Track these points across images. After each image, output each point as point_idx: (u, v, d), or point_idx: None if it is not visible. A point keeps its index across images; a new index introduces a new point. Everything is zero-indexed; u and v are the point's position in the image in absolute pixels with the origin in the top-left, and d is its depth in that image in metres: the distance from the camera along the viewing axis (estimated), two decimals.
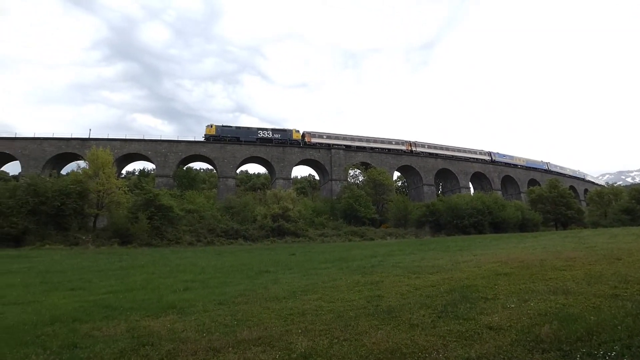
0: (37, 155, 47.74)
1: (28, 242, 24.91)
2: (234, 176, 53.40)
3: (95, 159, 30.82)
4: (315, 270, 12.62)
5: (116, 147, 47.97)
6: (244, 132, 55.38)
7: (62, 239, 26.04)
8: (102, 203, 29.89)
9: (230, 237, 30.23)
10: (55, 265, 16.19)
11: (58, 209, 27.13)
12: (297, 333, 5.48)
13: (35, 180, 28.91)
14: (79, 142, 48.94)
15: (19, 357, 4.86)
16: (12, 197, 26.17)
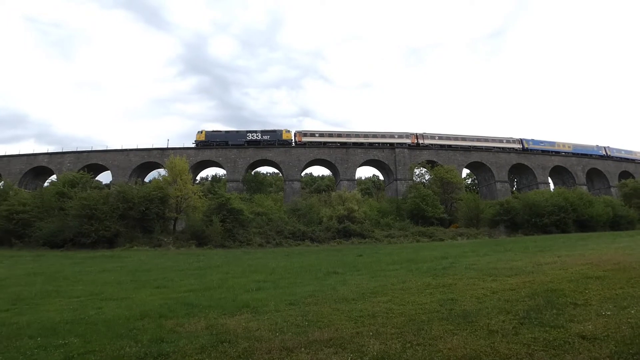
0: (124, 165, 52.78)
1: (119, 243, 27.54)
2: (299, 179, 54.51)
3: (173, 167, 33.30)
4: (383, 271, 12.41)
5: (191, 155, 51.38)
6: (232, 135, 55.94)
7: (147, 240, 28.43)
8: (180, 207, 32.16)
9: (298, 239, 30.89)
10: (142, 265, 17.65)
11: (143, 213, 29.66)
12: (368, 335, 5.40)
13: (123, 187, 31.93)
14: (159, 151, 53.21)
15: (115, 348, 5.35)
16: (106, 204, 29.08)
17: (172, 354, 5.01)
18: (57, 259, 20.98)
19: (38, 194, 33.23)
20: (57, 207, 29.83)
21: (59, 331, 6.30)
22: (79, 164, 52.05)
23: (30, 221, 28.31)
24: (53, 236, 26.90)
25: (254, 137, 55.36)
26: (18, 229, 28.14)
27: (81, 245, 26.70)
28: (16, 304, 8.77)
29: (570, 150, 63.00)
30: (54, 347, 5.48)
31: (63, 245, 26.58)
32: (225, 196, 32.44)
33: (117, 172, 52.27)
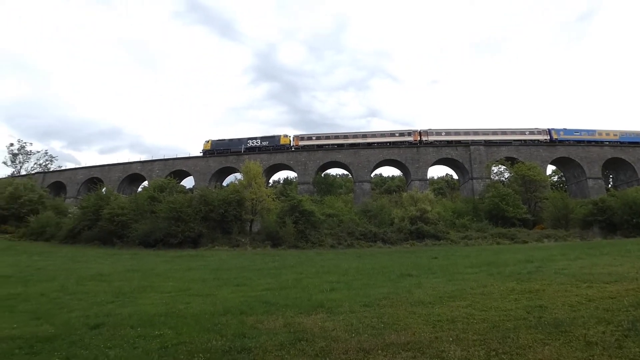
0: (205, 170, 56.60)
1: (202, 243, 29.55)
2: (369, 180, 54.12)
3: (248, 171, 34.96)
4: (460, 275, 11.86)
5: (264, 159, 53.54)
6: (235, 143, 57.43)
7: (227, 241, 30.14)
8: (255, 209, 33.64)
9: (369, 240, 30.67)
10: (223, 264, 18.75)
11: (222, 215, 31.53)
12: (447, 341, 5.19)
13: (204, 191, 34.24)
14: (235, 157, 56.22)
15: (203, 340, 5.76)
16: (190, 207, 31.42)
17: (254, 349, 5.25)
18: (150, 257, 23.09)
19: (133, 198, 36.90)
20: (149, 210, 32.86)
21: (154, 323, 6.94)
22: (166, 170, 56.93)
23: (128, 223, 31.51)
24: (146, 236, 29.64)
25: (253, 143, 56.89)
26: (118, 229, 31.49)
27: (170, 245, 29.08)
28: (119, 297, 9.82)
29: (616, 138, 53.75)
30: (151, 337, 6.04)
31: (155, 245, 29.19)
32: (297, 198, 33.28)
33: (199, 177, 56.21)
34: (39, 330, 6.60)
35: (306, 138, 56.32)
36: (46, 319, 7.42)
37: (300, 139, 56.19)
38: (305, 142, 55.79)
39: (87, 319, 7.35)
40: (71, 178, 62.10)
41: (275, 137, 56.81)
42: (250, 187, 33.87)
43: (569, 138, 53.55)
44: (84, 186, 59.33)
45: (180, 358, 5.02)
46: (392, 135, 54.61)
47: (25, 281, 12.62)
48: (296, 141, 56.06)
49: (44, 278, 13.48)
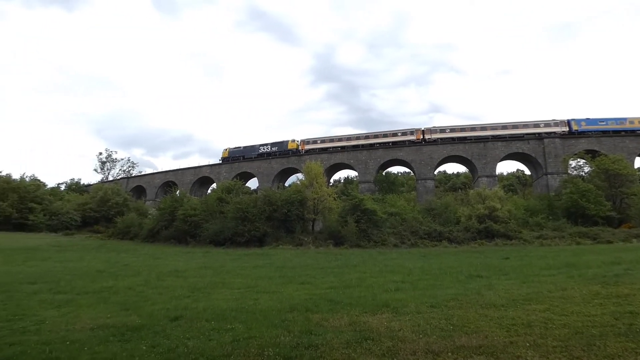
0: (268, 172, 58.54)
1: (267, 242, 30.60)
2: (433, 177, 52.42)
3: (310, 171, 35.56)
4: (536, 277, 11.09)
5: (324, 159, 54.07)
6: (248, 150, 61.27)
7: (290, 240, 30.91)
8: (317, 209, 34.10)
9: (434, 239, 29.71)
10: (287, 262, 19.26)
11: (285, 215, 32.40)
12: (524, 346, 4.90)
13: (268, 192, 35.47)
14: (296, 157, 57.46)
15: (272, 335, 5.98)
16: (255, 207, 32.71)
17: (320, 346, 5.35)
18: (220, 255, 24.39)
19: (204, 200, 39.24)
20: (218, 210, 34.75)
21: (226, 317, 7.34)
22: (232, 172, 59.73)
23: (199, 223, 33.58)
24: (216, 235, 31.35)
25: (264, 149, 60.06)
26: (191, 229, 33.67)
27: (237, 243, 30.48)
28: (194, 292, 10.49)
29: None
30: (224, 331, 6.40)
31: (224, 244, 30.77)
32: (358, 197, 33.20)
33: (262, 178, 58.25)
34: (128, 320, 7.28)
35: (311, 142, 58.36)
36: (134, 310, 8.16)
37: (306, 143, 58.37)
38: (310, 146, 57.71)
39: (167, 311, 7.96)
40: (150, 182, 67.54)
41: (284, 143, 59.49)
42: (311, 187, 34.40)
43: (592, 129, 48.31)
44: (161, 189, 64.17)
45: (252, 351, 5.26)
46: (395, 135, 54.10)
47: (115, 276, 13.96)
48: (302, 145, 58.21)
49: (130, 273, 14.81)
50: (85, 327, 6.85)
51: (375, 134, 55.56)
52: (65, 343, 5.83)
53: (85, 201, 49.02)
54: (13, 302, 9.16)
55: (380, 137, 54.84)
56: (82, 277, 13.49)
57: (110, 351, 5.42)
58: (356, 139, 56.03)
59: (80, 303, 9.01)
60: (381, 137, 54.80)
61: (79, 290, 10.83)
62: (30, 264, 17.95)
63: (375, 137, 55.03)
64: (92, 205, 47.73)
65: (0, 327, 6.97)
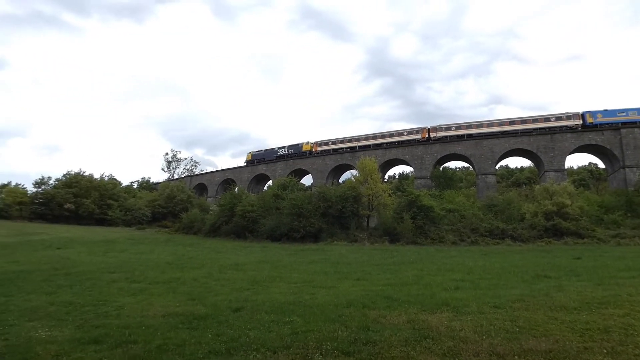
0: (322, 168, 59.09)
1: (322, 238, 30.95)
2: (494, 172, 49.82)
3: (364, 167, 35.34)
4: (613, 278, 10.20)
5: (379, 154, 53.44)
6: (269, 153, 65.63)
7: (345, 236, 31.01)
8: (372, 205, 33.86)
9: (496, 237, 28.28)
10: (342, 258, 19.36)
11: (340, 211, 32.53)
12: (600, 353, 4.54)
13: (323, 188, 35.79)
14: (350, 154, 57.38)
15: (329, 330, 6.05)
16: (310, 203, 33.18)
17: (378, 343, 5.33)
18: (277, 250, 25.11)
19: (260, 196, 40.52)
20: (274, 207, 35.71)
21: (285, 310, 7.54)
22: (287, 169, 61.04)
23: (257, 219, 34.74)
24: (272, 231, 32.27)
25: (282, 152, 64.14)
26: (249, 224, 34.95)
27: (293, 239, 31.15)
28: (253, 285, 10.90)
29: None
30: (283, 323, 6.59)
31: (280, 239, 31.60)
32: (414, 193, 32.49)
33: (317, 174, 58.90)
34: (194, 309, 7.74)
35: (324, 144, 61.35)
36: (199, 300, 8.66)
37: (318, 145, 61.46)
38: (322, 147, 60.79)
39: (229, 302, 8.35)
40: (210, 180, 71.05)
41: (299, 145, 63.33)
42: (366, 183, 34.20)
43: (609, 120, 44.42)
44: (221, 186, 67.26)
45: (310, 344, 5.36)
46: (401, 135, 55.43)
47: (182, 268, 14.90)
48: (315, 147, 61.49)
49: (195, 265, 15.72)
50: (157, 314, 7.39)
51: (383, 134, 57.94)
52: (141, 328, 6.35)
53: (154, 198, 52.87)
54: (96, 289, 10.12)
55: (387, 137, 56.85)
56: (154, 268, 14.54)
57: (180, 337, 5.80)
58: (364, 140, 58.73)
59: (152, 292, 9.73)
60: (388, 137, 56.90)
61: (151, 280, 11.70)
62: (109, 255, 19.72)
63: (382, 137, 57.18)
64: (160, 202, 51.33)
65: (87, 310, 7.76)
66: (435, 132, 53.49)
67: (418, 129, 55.13)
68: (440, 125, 53.86)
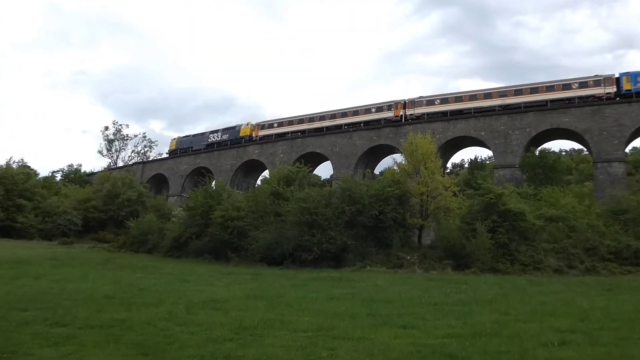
0: (347, 151, 59.10)
1: (347, 261, 30.83)
2: (622, 158, 48.99)
3: (414, 150, 34.94)
4: None
5: (437, 130, 53.13)
6: (197, 139, 76.00)
7: (384, 258, 30.81)
8: (427, 210, 33.57)
9: (626, 262, 27.81)
10: (379, 292, 19.30)
11: (376, 219, 32.26)
12: None
13: (349, 184, 35.45)
14: (392, 129, 57.21)
15: None
16: (328, 206, 33.13)
17: None
18: (276, 278, 25.24)
19: (252, 195, 40.79)
20: (272, 211, 35.88)
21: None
22: (293, 154, 61.38)
23: (246, 230, 34.98)
24: (270, 249, 32.43)
25: (214, 138, 73.81)
26: (233, 239, 35.28)
27: (301, 262, 31.28)
28: (239, 333, 10.96)
29: None
30: None
31: (282, 262, 31.74)
32: (494, 191, 32.15)
33: (339, 161, 58.99)
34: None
35: (267, 126, 70.79)
36: (155, 356, 8.75)
37: (260, 128, 70.74)
38: (265, 132, 70.07)
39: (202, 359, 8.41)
40: (174, 169, 72.17)
41: (236, 128, 72.86)
42: (417, 175, 34.01)
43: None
44: (190, 179, 68.30)
45: None
46: (368, 112, 62.43)
47: (129, 304, 15.10)
48: (256, 131, 70.57)
49: (149, 301, 15.91)
50: None
51: (344, 112, 65.60)
52: None
53: (87, 197, 53.86)
54: (0, 333, 10.32)
55: (350, 115, 64.28)
56: (86, 305, 14.78)
57: None
58: (319, 120, 66.32)
59: (83, 341, 9.88)
60: (351, 115, 64.02)
61: (82, 322, 11.88)
62: (19, 283, 20.13)
63: (343, 116, 64.54)
64: (97, 202, 52.24)
65: None
66: (412, 108, 58.84)
67: (390, 104, 60.77)
68: (421, 98, 59.03)
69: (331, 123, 65.36)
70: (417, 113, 58.84)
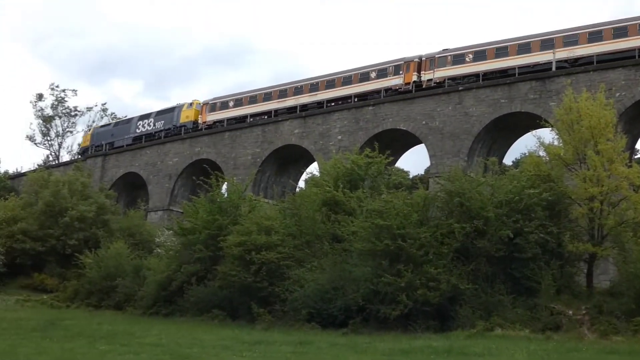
0: (455, 126, 58.13)
1: (459, 319, 29.53)
2: None
3: (575, 121, 33.67)
4: None
5: (616, 82, 51.46)
6: (120, 130, 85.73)
7: (525, 314, 29.13)
8: (601, 228, 32.12)
9: None
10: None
11: (510, 244, 31.18)
12: None
13: (460, 183, 34.28)
14: (534, 85, 55.80)
15: None
16: (424, 224, 32.23)
17: None
18: (338, 352, 24.42)
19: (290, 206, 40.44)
20: (326, 234, 35.36)
21: None
22: (359, 133, 61.41)
23: (282, 267, 34.45)
24: (324, 300, 31.77)
25: (144, 127, 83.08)
26: (261, 283, 34.73)
27: (380, 321, 30.53)
28: None
29: None
30: None
31: (345, 323, 31.03)
32: None
33: (440, 144, 58.48)
34: None
35: (219, 106, 79.43)
36: None
37: (209, 110, 79.80)
38: (215, 115, 79.23)
39: None
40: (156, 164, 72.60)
41: (174, 111, 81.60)
42: (582, 165, 32.95)
43: None
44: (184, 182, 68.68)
45: None
46: (365, 79, 68.55)
47: None
48: (203, 115, 79.58)
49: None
50: None
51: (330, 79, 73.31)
52: None
53: (11, 215, 54.10)
54: None
55: (339, 84, 72.49)
56: None
57: None
58: (295, 94, 74.83)
59: None
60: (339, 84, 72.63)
61: None
62: None
63: (328, 88, 71.78)
64: (28, 223, 52.37)
65: None
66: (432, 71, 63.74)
67: (398, 64, 65.87)
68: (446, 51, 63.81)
69: (311, 99, 73.45)
70: (436, 78, 63.41)
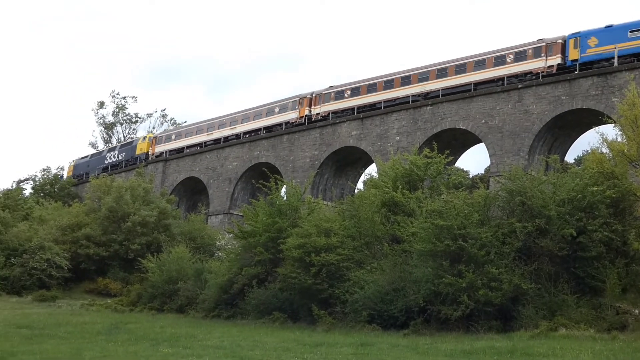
0: (515, 125, 57.69)
1: (522, 319, 29.35)
2: None
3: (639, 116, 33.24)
4: None
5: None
6: (95, 160, 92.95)
7: (590, 313, 28.64)
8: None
9: None
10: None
11: (573, 243, 30.98)
12: None
13: (521, 182, 34.15)
14: (596, 80, 55.14)
15: None
16: (484, 224, 31.86)
17: None
18: (399, 353, 24.46)
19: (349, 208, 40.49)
20: (385, 236, 35.40)
21: None
22: (418, 133, 61.05)
23: (342, 269, 34.52)
24: (384, 302, 31.79)
25: (112, 158, 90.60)
26: (322, 285, 34.77)
27: (441, 322, 30.55)
28: None
29: None
30: None
31: (406, 324, 31.07)
32: None
33: (501, 143, 58.10)
34: None
35: (164, 139, 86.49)
36: None
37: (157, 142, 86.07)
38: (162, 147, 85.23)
39: None
40: (216, 169, 73.05)
41: (133, 144, 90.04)
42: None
43: None
44: (244, 185, 69.07)
45: None
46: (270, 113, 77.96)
47: None
48: (153, 147, 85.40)
49: None
50: None
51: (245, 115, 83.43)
52: None
53: (76, 221, 54.69)
54: None
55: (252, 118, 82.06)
56: None
57: None
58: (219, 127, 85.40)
59: None
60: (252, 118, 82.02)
61: None
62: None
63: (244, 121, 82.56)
64: (92, 229, 52.98)
65: None
66: (319, 105, 70.49)
67: (295, 100, 74.88)
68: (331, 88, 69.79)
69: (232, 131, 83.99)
70: (323, 111, 70.46)
